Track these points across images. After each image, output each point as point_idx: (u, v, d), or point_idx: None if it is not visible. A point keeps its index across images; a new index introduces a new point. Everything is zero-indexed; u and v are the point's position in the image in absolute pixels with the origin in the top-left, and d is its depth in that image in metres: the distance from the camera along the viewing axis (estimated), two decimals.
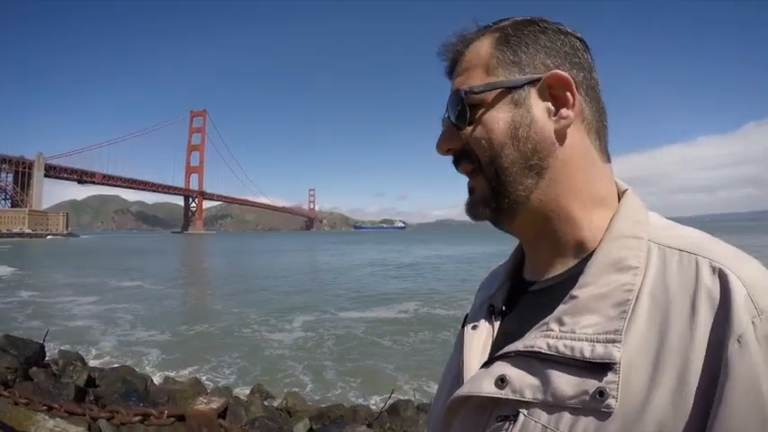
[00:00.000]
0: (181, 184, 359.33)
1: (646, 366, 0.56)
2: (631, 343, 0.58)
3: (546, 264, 0.75)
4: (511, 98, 0.71)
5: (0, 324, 15.83)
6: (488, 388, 0.66)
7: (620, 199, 0.75)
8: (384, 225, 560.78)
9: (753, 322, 0.53)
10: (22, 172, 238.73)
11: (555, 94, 0.71)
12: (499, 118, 0.71)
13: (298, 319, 17.76)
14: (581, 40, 0.75)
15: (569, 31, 0.75)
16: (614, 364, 0.57)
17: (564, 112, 0.70)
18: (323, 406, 8.24)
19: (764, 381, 0.51)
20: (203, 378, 10.43)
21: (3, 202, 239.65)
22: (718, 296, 0.56)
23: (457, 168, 0.78)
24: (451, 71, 0.79)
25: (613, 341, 0.58)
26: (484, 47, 0.74)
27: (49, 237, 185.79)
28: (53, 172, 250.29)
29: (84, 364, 8.90)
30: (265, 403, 8.33)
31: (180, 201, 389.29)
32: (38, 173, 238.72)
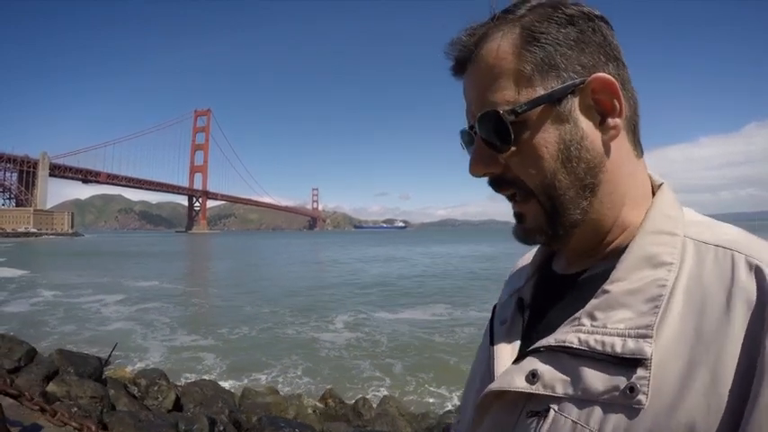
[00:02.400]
0: (185, 183, 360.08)
1: (678, 363, 0.55)
2: (664, 339, 0.56)
3: (578, 258, 0.73)
4: (556, 113, 0.64)
5: (33, 329, 15.50)
6: (520, 383, 0.65)
7: (654, 193, 0.72)
8: (384, 225, 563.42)
9: None
10: (26, 171, 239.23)
11: (599, 99, 0.65)
12: (548, 140, 0.65)
13: (337, 320, 17.56)
14: (606, 22, 0.68)
15: (595, 14, 0.67)
16: (645, 359, 0.56)
17: (611, 121, 0.65)
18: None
19: None
20: (277, 386, 9.91)
21: (7, 201, 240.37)
22: (755, 293, 0.54)
23: (497, 191, 0.72)
24: (460, 69, 0.71)
25: (645, 336, 0.57)
26: (506, 46, 0.65)
27: (51, 236, 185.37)
28: (58, 171, 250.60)
29: (168, 381, 7.96)
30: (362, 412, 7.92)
31: (183, 200, 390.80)
32: (42, 172, 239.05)
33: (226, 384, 9.52)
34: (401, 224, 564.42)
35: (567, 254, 0.76)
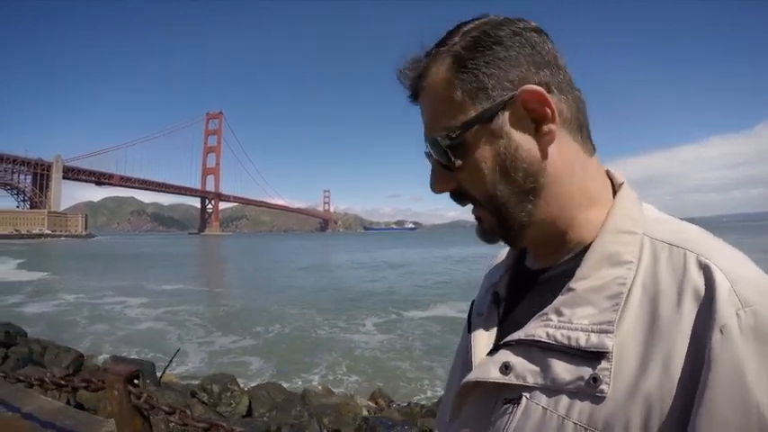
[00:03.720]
0: (197, 185, 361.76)
1: (635, 355, 0.59)
2: (623, 333, 0.61)
3: (548, 256, 0.77)
4: (489, 131, 0.69)
5: (62, 330, 15.27)
6: (494, 374, 0.69)
7: (615, 192, 0.76)
8: (394, 226, 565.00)
9: (737, 314, 0.55)
10: (40, 174, 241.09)
11: (531, 108, 0.68)
12: (484, 156, 0.70)
13: (367, 321, 17.65)
14: (536, 31, 0.71)
15: (522, 26, 0.71)
16: (607, 352, 0.60)
17: (545, 128, 0.69)
18: None
19: (748, 369, 0.53)
20: (328, 386, 9.87)
21: (22, 203, 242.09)
22: (703, 289, 0.58)
23: (458, 203, 0.77)
24: (414, 98, 0.77)
25: (606, 332, 0.61)
26: (441, 77, 0.71)
27: (65, 237, 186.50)
28: (71, 174, 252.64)
29: (239, 386, 7.59)
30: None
31: (195, 202, 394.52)
32: (56, 175, 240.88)
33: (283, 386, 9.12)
34: (411, 225, 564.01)
35: (538, 253, 0.80)
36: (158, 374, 7.94)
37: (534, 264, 0.81)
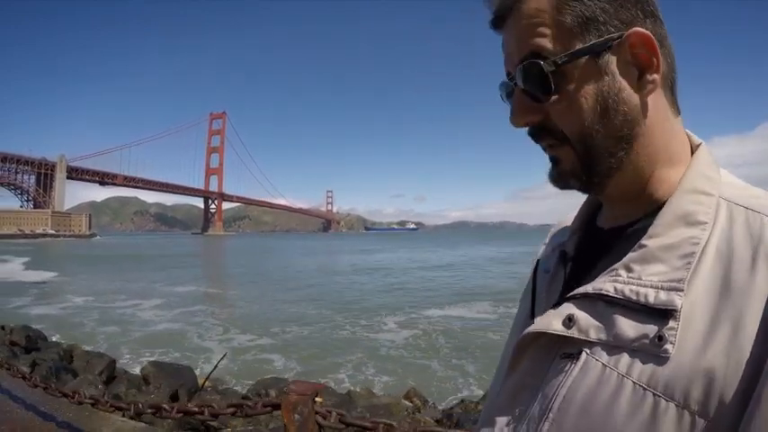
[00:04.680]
0: (200, 185, 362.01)
1: (705, 316, 0.58)
2: (693, 293, 0.60)
3: (620, 214, 0.76)
4: (595, 66, 0.67)
5: (76, 332, 14.94)
6: (557, 326, 0.68)
7: (692, 153, 0.75)
8: (395, 227, 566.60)
9: None
10: (44, 174, 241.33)
11: (638, 54, 0.67)
12: (586, 91, 0.67)
13: (387, 320, 17.55)
14: None
15: None
16: (675, 311, 0.59)
17: (649, 76, 0.67)
18: None
19: None
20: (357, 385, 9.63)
21: (25, 203, 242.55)
22: None
23: (537, 142, 0.75)
24: (500, 22, 0.73)
25: (676, 289, 0.60)
26: (547, 1, 0.67)
27: (69, 237, 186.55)
28: (75, 174, 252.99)
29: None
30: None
31: (198, 202, 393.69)
32: (60, 175, 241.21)
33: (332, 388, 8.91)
34: (412, 226, 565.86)
35: (610, 208, 0.79)
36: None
37: (606, 223, 0.80)
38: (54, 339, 11.10)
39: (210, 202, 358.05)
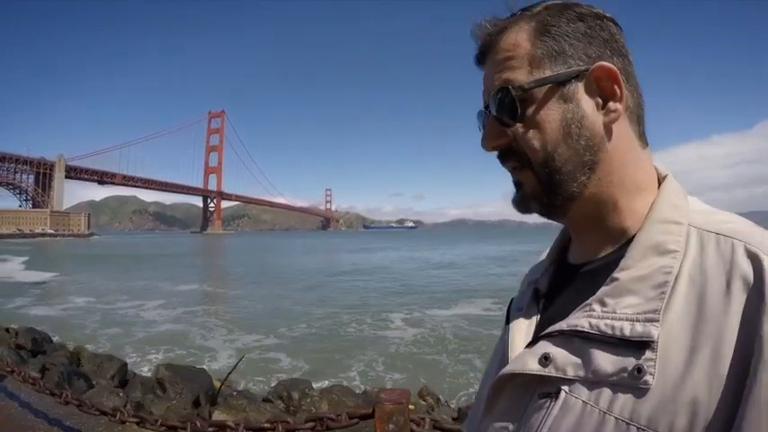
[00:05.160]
0: (199, 184, 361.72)
1: (682, 345, 0.58)
2: (669, 322, 0.60)
3: (591, 248, 0.77)
4: (560, 94, 0.71)
5: (74, 331, 14.89)
6: (533, 365, 0.69)
7: (660, 184, 0.77)
8: (394, 225, 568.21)
9: None
10: (42, 173, 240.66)
11: (602, 86, 0.71)
12: (550, 116, 0.71)
13: (393, 318, 17.48)
14: (615, 23, 0.76)
15: (603, 14, 0.75)
16: (652, 342, 0.60)
17: (612, 105, 0.71)
18: None
19: None
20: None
21: (24, 202, 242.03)
22: (752, 278, 0.58)
23: (503, 164, 0.78)
24: (482, 58, 0.78)
25: (652, 320, 0.61)
26: (522, 36, 0.73)
27: (69, 237, 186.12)
28: (74, 173, 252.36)
29: (314, 389, 7.03)
30: None
31: (197, 201, 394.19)
32: (58, 174, 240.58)
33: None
34: (411, 224, 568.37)
35: (579, 241, 0.81)
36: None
37: (577, 258, 0.81)
38: (56, 340, 10.86)
39: (209, 200, 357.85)
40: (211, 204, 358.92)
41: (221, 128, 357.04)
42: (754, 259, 0.59)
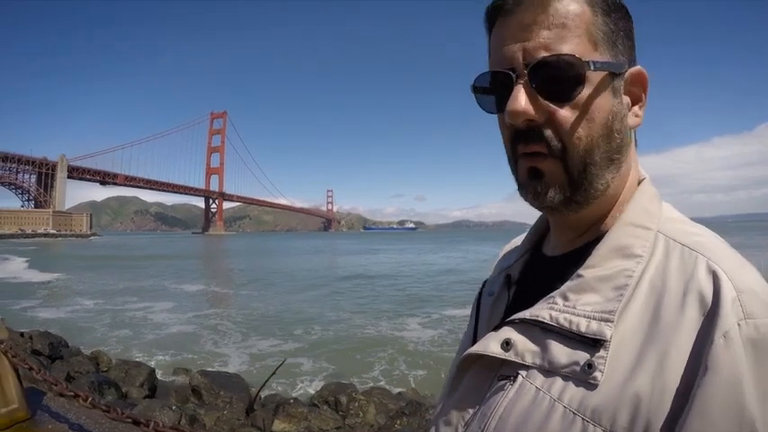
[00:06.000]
0: (201, 185, 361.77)
1: (632, 348, 0.60)
2: (624, 324, 0.62)
3: (566, 242, 0.79)
4: (613, 84, 0.69)
5: (86, 334, 14.57)
6: (495, 348, 0.71)
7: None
8: (395, 226, 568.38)
9: (739, 324, 0.56)
10: (45, 173, 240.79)
11: (633, 90, 0.72)
12: (602, 105, 0.68)
13: (408, 320, 17.14)
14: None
15: (626, 7, 0.73)
16: (605, 341, 0.62)
17: (637, 110, 0.73)
18: None
19: (746, 381, 0.54)
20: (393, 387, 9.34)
21: (26, 203, 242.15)
22: (710, 295, 0.59)
23: (522, 146, 0.71)
24: (515, 6, 0.69)
25: (607, 320, 0.63)
26: (584, 7, 0.68)
27: (71, 237, 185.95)
28: (76, 173, 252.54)
29: (359, 393, 6.76)
30: None
31: (199, 202, 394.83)
32: (61, 174, 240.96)
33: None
34: (411, 225, 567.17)
35: (557, 235, 0.81)
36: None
37: (551, 250, 0.82)
38: (70, 344, 10.51)
39: (211, 201, 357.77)
40: (213, 205, 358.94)
41: (223, 128, 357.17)
42: (714, 276, 0.60)
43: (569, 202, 0.71)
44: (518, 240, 0.94)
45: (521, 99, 0.67)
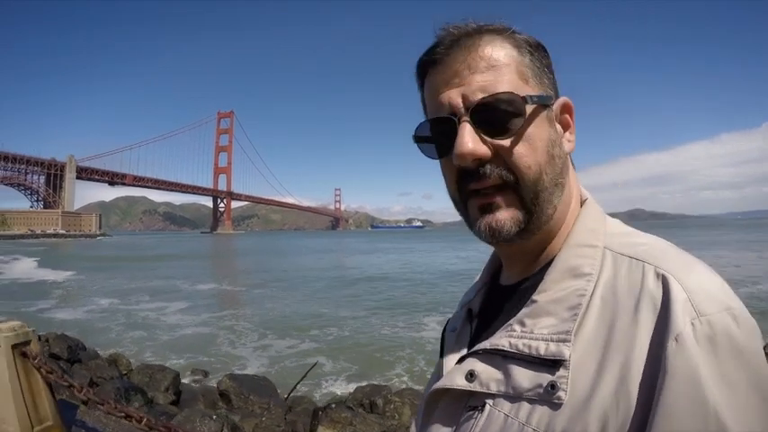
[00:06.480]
0: (209, 184, 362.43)
1: (592, 363, 0.62)
2: (581, 342, 0.64)
3: (520, 271, 0.81)
4: (546, 114, 0.74)
5: (98, 337, 14.32)
6: (460, 381, 0.73)
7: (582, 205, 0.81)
8: (402, 225, 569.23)
9: (692, 323, 0.57)
10: (53, 174, 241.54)
11: (563, 118, 0.77)
12: (541, 135, 0.72)
13: (426, 320, 16.97)
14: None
15: (545, 46, 0.78)
16: (564, 360, 0.63)
17: (569, 136, 0.77)
18: None
19: (704, 377, 0.55)
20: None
21: (35, 203, 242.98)
22: (660, 300, 0.61)
23: (474, 183, 0.73)
24: (449, 51, 0.73)
25: (564, 340, 0.65)
26: (508, 49, 0.73)
27: (81, 237, 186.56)
28: (85, 174, 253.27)
29: (394, 395, 6.71)
30: None
31: (207, 201, 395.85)
32: (69, 175, 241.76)
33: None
34: (419, 224, 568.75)
35: (510, 265, 0.84)
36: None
37: (506, 280, 0.85)
38: (87, 346, 10.31)
39: (219, 200, 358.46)
40: (221, 204, 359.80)
41: (230, 128, 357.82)
42: (663, 281, 0.62)
43: (524, 232, 0.73)
44: (478, 276, 0.96)
45: (467, 140, 0.70)
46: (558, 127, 0.75)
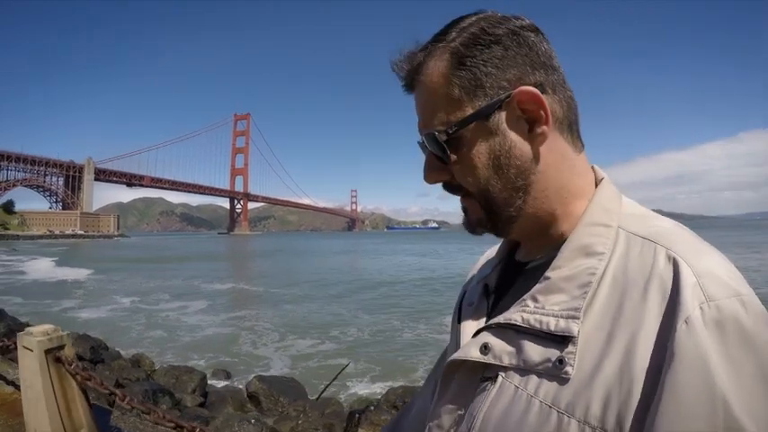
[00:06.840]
0: (225, 185, 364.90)
1: (599, 341, 0.63)
2: (590, 319, 0.65)
3: (534, 250, 0.82)
4: (485, 129, 0.73)
5: (119, 336, 14.24)
6: (474, 353, 0.75)
7: (597, 184, 0.81)
8: (417, 226, 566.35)
9: (701, 308, 0.57)
10: (72, 176, 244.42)
11: (526, 109, 0.72)
12: (480, 152, 0.74)
13: (446, 322, 15.74)
14: (533, 30, 0.75)
15: (519, 25, 0.74)
16: (573, 337, 0.65)
17: (538, 129, 0.73)
18: None
19: (712, 361, 0.55)
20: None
21: (54, 204, 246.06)
22: (670, 282, 0.61)
23: (451, 193, 0.81)
24: (410, 89, 0.80)
25: (573, 317, 0.66)
26: (438, 72, 0.74)
27: (99, 238, 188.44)
28: (103, 176, 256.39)
29: None
30: None
31: (224, 202, 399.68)
32: (88, 176, 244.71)
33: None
34: (434, 225, 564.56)
35: (527, 247, 0.85)
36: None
37: (522, 257, 0.86)
38: (109, 346, 10.23)
39: (236, 201, 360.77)
40: (238, 206, 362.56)
41: (247, 130, 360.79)
42: (674, 264, 0.62)
43: (494, 230, 0.79)
44: (493, 251, 0.98)
45: (426, 170, 0.79)
46: (510, 131, 0.73)
